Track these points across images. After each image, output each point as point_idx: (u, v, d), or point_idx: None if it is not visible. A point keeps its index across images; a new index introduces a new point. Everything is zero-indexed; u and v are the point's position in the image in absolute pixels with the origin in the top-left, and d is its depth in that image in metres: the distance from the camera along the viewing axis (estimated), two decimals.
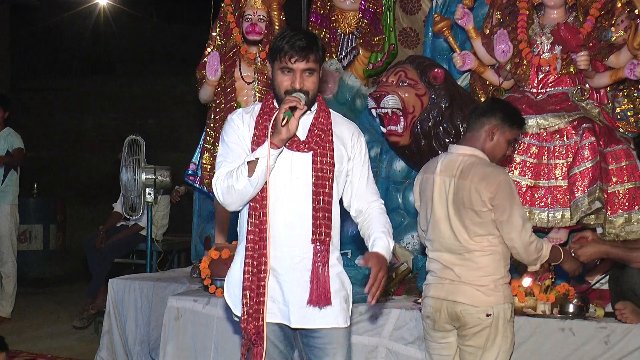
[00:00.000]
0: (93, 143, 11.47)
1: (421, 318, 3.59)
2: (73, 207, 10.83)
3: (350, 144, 2.97)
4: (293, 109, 2.75)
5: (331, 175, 2.86)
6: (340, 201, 3.01)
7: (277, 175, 2.85)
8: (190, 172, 5.43)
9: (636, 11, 4.45)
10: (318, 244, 2.84)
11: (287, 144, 2.84)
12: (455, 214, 3.38)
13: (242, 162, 2.80)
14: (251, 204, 2.85)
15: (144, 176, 5.88)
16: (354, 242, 5.12)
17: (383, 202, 3.05)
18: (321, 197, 2.84)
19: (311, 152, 2.86)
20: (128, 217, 6.47)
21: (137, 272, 6.20)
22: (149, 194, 5.90)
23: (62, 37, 11.52)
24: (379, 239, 2.91)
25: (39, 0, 10.93)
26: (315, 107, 2.93)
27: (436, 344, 3.47)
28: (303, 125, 2.88)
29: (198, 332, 4.43)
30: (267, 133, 2.78)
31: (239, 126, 2.93)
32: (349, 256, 4.79)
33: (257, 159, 2.76)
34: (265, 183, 2.82)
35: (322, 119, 2.91)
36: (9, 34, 10.82)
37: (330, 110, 3.00)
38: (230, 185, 2.80)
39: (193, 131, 8.63)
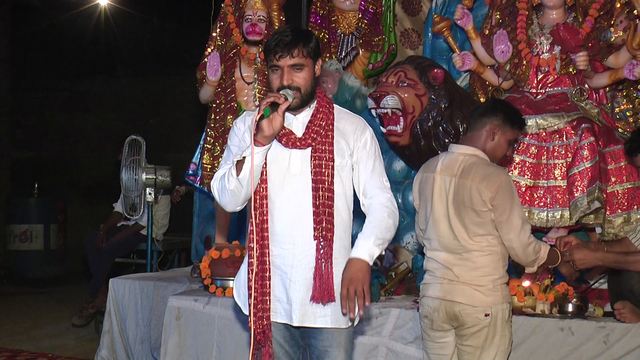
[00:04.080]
0: (93, 143, 11.46)
1: (419, 317, 3.60)
2: (74, 207, 10.83)
3: (352, 137, 2.91)
4: (274, 105, 2.71)
5: (331, 170, 2.83)
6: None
7: (276, 173, 2.85)
8: (190, 172, 5.44)
9: (635, 11, 4.47)
10: (321, 240, 2.81)
11: (284, 142, 2.83)
12: (455, 213, 3.38)
13: (232, 163, 2.80)
14: (252, 203, 2.84)
15: (144, 176, 5.89)
16: None
17: (389, 194, 2.95)
18: (321, 193, 2.81)
19: (310, 149, 2.84)
20: (128, 216, 6.48)
21: (137, 271, 6.21)
22: (150, 193, 5.91)
23: (62, 37, 11.50)
24: (358, 241, 2.83)
25: (40, 0, 10.94)
26: (314, 103, 2.90)
27: (434, 344, 3.47)
28: (302, 122, 2.88)
29: (199, 331, 4.43)
30: (252, 131, 2.76)
31: (240, 128, 2.94)
32: None
33: (244, 157, 2.75)
34: (265, 182, 2.82)
35: (322, 115, 2.88)
36: (9, 34, 10.83)
37: (335, 105, 2.96)
38: (223, 186, 2.81)
39: (193, 131, 8.62)
